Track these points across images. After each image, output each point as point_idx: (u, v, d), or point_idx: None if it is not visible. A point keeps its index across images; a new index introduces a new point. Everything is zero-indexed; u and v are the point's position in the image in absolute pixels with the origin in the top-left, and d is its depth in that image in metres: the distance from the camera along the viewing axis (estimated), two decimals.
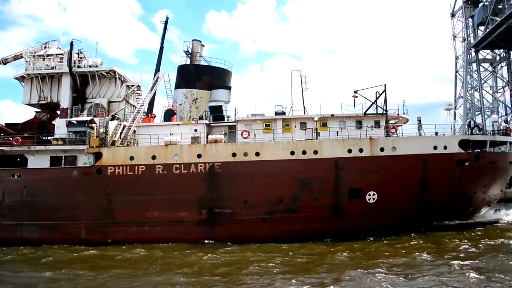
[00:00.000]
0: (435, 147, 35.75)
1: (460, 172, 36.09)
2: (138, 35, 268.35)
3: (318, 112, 38.48)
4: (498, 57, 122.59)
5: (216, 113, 38.45)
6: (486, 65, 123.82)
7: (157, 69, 41.32)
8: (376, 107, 37.60)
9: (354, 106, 37.53)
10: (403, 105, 42.60)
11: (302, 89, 39.42)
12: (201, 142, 36.59)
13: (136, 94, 41.60)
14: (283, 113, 38.51)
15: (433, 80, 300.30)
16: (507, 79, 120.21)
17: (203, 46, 44.03)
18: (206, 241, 34.53)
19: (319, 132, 36.36)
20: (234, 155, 34.79)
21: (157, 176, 34.83)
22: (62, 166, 36.38)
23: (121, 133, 36.57)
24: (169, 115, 38.91)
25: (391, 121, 40.80)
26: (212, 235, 34.63)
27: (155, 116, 41.02)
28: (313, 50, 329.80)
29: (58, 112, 39.98)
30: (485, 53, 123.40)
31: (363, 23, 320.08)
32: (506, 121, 41.21)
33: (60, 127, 37.41)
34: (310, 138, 36.35)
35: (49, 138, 37.45)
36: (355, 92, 37.32)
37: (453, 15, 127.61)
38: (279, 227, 34.37)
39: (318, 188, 34.67)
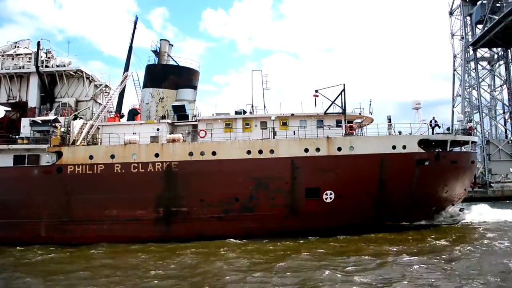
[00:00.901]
0: (393, 147, 35.28)
1: (419, 172, 35.64)
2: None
3: (285, 112, 38.64)
4: (496, 56, 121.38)
5: (179, 112, 38.39)
6: (484, 63, 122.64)
7: (126, 69, 40.96)
8: (342, 106, 36.65)
9: (315, 105, 36.88)
10: (369, 105, 41.85)
11: (262, 88, 38.86)
12: (162, 141, 35.90)
13: (105, 94, 41.05)
14: (245, 113, 37.78)
15: (430, 78, 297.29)
16: (505, 77, 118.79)
17: (172, 45, 43.94)
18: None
19: (276, 132, 35.43)
20: (191, 154, 34.63)
21: (116, 175, 34.93)
22: (25, 165, 35.75)
23: (86, 132, 36.09)
24: (132, 114, 38.67)
25: (356, 121, 40.03)
26: (169, 234, 34.48)
27: (123, 116, 40.58)
28: (310, 48, 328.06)
29: None
30: (483, 51, 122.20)
31: (360, 21, 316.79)
32: (470, 121, 39.87)
33: (25, 126, 37.39)
34: (267, 137, 35.33)
35: (16, 137, 37.01)
36: (316, 91, 36.73)
37: (451, 13, 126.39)
38: (235, 225, 34.46)
39: (274, 187, 34.62)
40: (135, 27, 42.06)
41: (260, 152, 35.12)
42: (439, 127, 37.95)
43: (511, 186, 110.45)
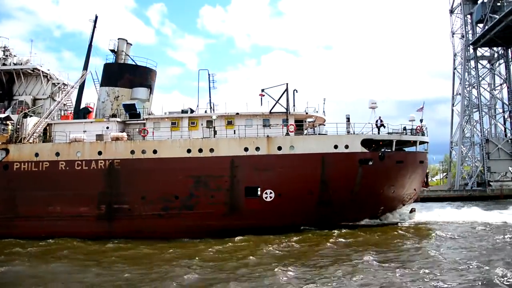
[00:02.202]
0: (335, 146, 34.84)
1: (363, 171, 35.10)
2: (132, 29, 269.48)
3: (238, 110, 38.73)
4: (496, 55, 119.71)
5: (130, 111, 38.28)
6: (484, 62, 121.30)
7: (85, 67, 40.81)
8: (286, 106, 36.04)
9: (261, 104, 36.42)
10: (323, 104, 41.21)
11: (209, 87, 38.82)
12: (109, 139, 35.70)
13: (65, 92, 40.96)
14: (192, 111, 37.28)
15: (429, 76, 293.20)
16: (505, 76, 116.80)
17: (131, 44, 43.97)
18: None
19: (216, 131, 35.00)
20: (132, 152, 34.74)
21: (60, 172, 35.29)
22: None
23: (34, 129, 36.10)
24: (83, 112, 38.40)
25: (308, 120, 39.37)
26: (110, 230, 34.37)
27: (91, 112, 40.53)
28: (310, 46, 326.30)
29: None
30: (483, 50, 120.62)
31: (360, 19, 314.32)
32: (421, 120, 38.68)
33: None
34: (207, 136, 34.92)
35: None
36: (262, 90, 36.08)
37: (452, 11, 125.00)
38: (175, 223, 34.76)
39: (213, 186, 34.73)
40: (94, 27, 42.16)
41: (200, 151, 34.98)
42: (384, 127, 36.95)
43: (510, 185, 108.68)
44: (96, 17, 42.95)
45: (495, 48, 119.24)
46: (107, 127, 38.14)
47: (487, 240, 28.13)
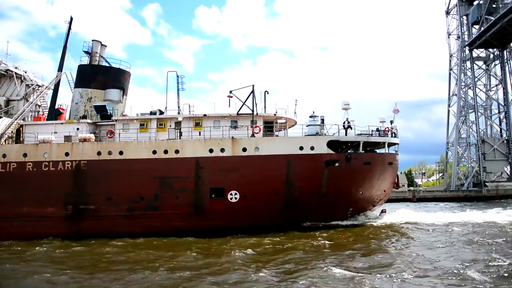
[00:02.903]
0: (301, 148, 34.67)
1: (329, 173, 34.60)
2: (127, 29, 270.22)
3: (206, 112, 38.94)
4: (492, 56, 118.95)
5: (101, 112, 38.30)
6: (480, 63, 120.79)
7: (60, 68, 40.87)
8: (252, 107, 36.01)
9: (229, 106, 36.38)
10: (295, 106, 41.02)
11: (178, 89, 38.52)
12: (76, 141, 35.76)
13: (38, 93, 41.01)
14: (162, 113, 37.15)
15: (425, 77, 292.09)
16: (500, 77, 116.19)
17: (105, 46, 43.84)
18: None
19: (181, 132, 34.98)
20: (99, 153, 34.75)
21: (27, 174, 35.14)
22: None
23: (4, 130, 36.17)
24: (55, 114, 38.41)
25: (279, 121, 39.16)
26: (77, 231, 34.41)
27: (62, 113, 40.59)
28: (305, 46, 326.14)
29: None
30: (479, 51, 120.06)
31: (356, 19, 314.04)
32: (391, 122, 38.41)
33: None
34: (173, 137, 34.90)
35: None
36: (230, 92, 35.92)
37: (447, 12, 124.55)
38: (141, 223, 35.11)
39: (178, 187, 34.82)
40: (69, 28, 42.12)
41: (166, 152, 35.05)
42: (351, 128, 36.61)
43: (506, 185, 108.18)
44: (71, 18, 43.20)
45: (490, 49, 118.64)
46: (78, 129, 38.10)
47: (448, 241, 27.85)
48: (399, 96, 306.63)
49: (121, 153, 35.70)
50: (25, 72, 42.80)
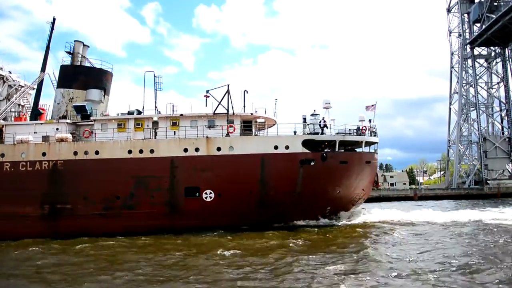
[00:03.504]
0: (275, 147, 34.72)
1: (304, 172, 34.52)
2: (127, 28, 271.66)
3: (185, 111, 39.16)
4: (493, 53, 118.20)
5: (81, 112, 38.55)
6: (481, 61, 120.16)
7: (43, 68, 41.26)
8: (227, 107, 36.11)
9: (206, 105, 36.54)
10: (275, 105, 41.13)
11: (155, 89, 38.66)
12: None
13: (19, 93, 41.39)
14: (140, 113, 37.29)
15: (426, 75, 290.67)
16: (502, 75, 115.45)
17: (88, 46, 44.16)
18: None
19: (157, 132, 35.14)
20: (75, 153, 35.08)
21: (5, 174, 35.32)
22: None
23: None
24: (35, 114, 38.68)
25: (259, 121, 39.19)
26: (54, 230, 35.19)
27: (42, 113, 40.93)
28: (305, 45, 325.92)
29: None
30: (480, 49, 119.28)
31: (356, 17, 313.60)
32: (370, 121, 38.29)
33: None
34: (148, 137, 35.15)
35: None
36: (207, 91, 36.08)
37: (449, 10, 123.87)
38: (117, 222, 35.55)
39: (154, 186, 35.23)
40: (52, 29, 42.51)
41: (141, 151, 35.36)
42: (327, 127, 36.47)
43: (507, 183, 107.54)
44: (54, 19, 43.66)
45: (492, 47, 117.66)
46: (57, 129, 38.36)
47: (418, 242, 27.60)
48: (399, 94, 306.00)
49: (97, 152, 36.00)
50: (10, 73, 43.18)
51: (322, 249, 25.72)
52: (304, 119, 39.67)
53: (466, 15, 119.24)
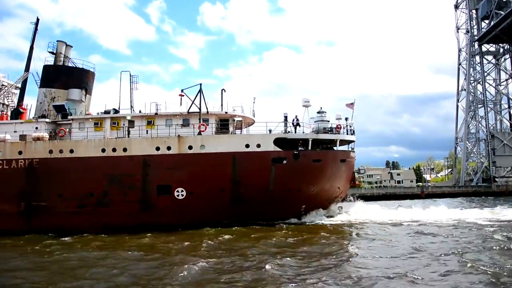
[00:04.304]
0: (247, 145, 35.08)
1: (276, 170, 34.80)
2: (132, 26, 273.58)
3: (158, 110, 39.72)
4: (501, 50, 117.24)
5: (60, 111, 39.39)
6: (490, 57, 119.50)
7: (27, 68, 42.19)
8: (199, 106, 36.49)
9: (180, 104, 36.89)
10: (253, 104, 41.56)
11: (131, 88, 39.46)
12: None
13: (6, 93, 42.29)
14: (116, 112, 38.10)
15: (432, 71, 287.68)
16: (510, 71, 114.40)
17: (71, 46, 45.00)
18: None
19: (129, 131, 35.74)
20: (50, 152, 35.77)
21: None
22: None
23: None
24: (15, 113, 39.61)
25: (237, 119, 39.59)
26: (30, 226, 36.04)
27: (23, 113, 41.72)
28: (311, 42, 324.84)
29: None
30: (488, 46, 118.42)
31: (362, 14, 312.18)
32: (346, 119, 38.46)
33: None
34: (121, 136, 35.79)
35: None
36: (182, 91, 36.53)
37: (456, 6, 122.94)
38: (91, 219, 36.42)
39: (127, 184, 36.38)
40: (36, 29, 43.54)
41: (114, 150, 36.19)
42: (299, 126, 36.66)
43: None
44: (38, 19, 44.41)
45: (500, 44, 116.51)
46: (36, 128, 39.12)
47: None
48: (405, 90, 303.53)
49: (72, 151, 36.78)
50: None
51: (294, 247, 25.91)
52: (285, 117, 39.79)
53: (474, 11, 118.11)
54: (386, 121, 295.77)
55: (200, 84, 37.55)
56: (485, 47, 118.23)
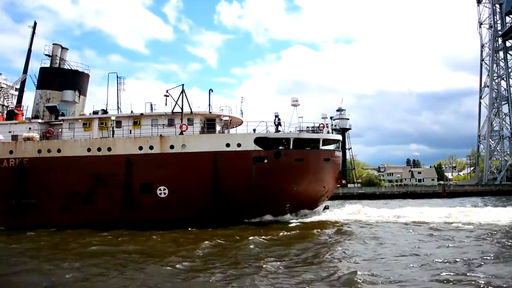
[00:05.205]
0: (227, 145, 36.03)
1: (257, 169, 35.72)
2: (149, 26, 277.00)
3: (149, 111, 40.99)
4: None
5: (53, 112, 41.21)
6: None
7: (25, 70, 44.18)
8: (181, 106, 37.42)
9: (166, 104, 38.23)
10: (241, 103, 42.22)
11: (118, 89, 40.96)
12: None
13: (5, 95, 44.22)
14: (105, 112, 39.45)
15: (453, 68, 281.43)
16: None
17: (67, 49, 46.84)
18: None
19: (114, 131, 37.19)
20: (39, 151, 37.41)
21: None
22: None
23: None
24: (10, 115, 41.39)
25: (224, 118, 40.48)
26: (20, 223, 37.83)
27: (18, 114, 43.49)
28: (328, 40, 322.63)
29: None
30: None
31: (380, 10, 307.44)
32: (331, 118, 38.92)
33: None
34: (106, 136, 37.18)
35: None
36: (167, 91, 37.70)
37: (479, 1, 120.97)
38: (78, 217, 38.12)
39: (111, 182, 37.78)
40: (33, 33, 45.52)
41: (99, 149, 37.63)
42: (280, 125, 37.35)
43: None
44: (35, 23, 46.51)
45: None
46: (30, 128, 40.77)
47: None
48: (425, 87, 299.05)
49: (59, 151, 38.26)
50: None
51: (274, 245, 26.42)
52: (276, 116, 40.29)
53: (498, 6, 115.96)
54: (405, 118, 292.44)
55: (183, 85, 38.70)
56: (509, 42, 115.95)
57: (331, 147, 42.33)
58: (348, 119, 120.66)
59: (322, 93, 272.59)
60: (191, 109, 39.28)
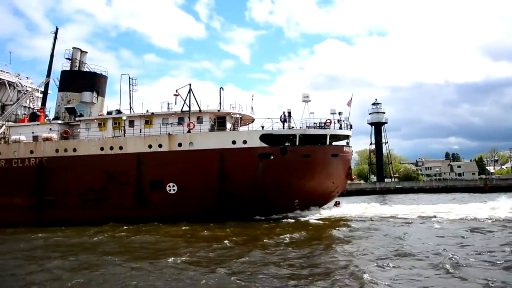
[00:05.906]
0: (233, 142, 37.52)
1: (263, 166, 37.13)
2: (182, 24, 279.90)
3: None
4: None
5: (71, 113, 43.51)
6: None
7: (48, 74, 46.85)
8: (188, 105, 38.93)
9: (175, 103, 39.71)
10: (252, 101, 43.58)
11: (130, 90, 42.85)
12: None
13: (31, 98, 46.87)
14: (119, 113, 41.43)
15: (491, 58, 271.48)
16: None
17: (86, 52, 48.98)
18: None
19: (125, 130, 39.23)
20: (57, 151, 39.53)
21: (1, 169, 40.00)
22: None
23: None
24: (32, 117, 43.90)
25: (234, 116, 41.69)
26: (40, 219, 40.44)
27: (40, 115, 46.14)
28: (363, 32, 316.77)
29: None
30: None
31: (414, 0, 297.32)
32: (340, 113, 39.65)
33: None
34: (117, 135, 39.31)
35: None
36: (176, 91, 39.21)
37: None
38: (93, 213, 40.25)
39: (123, 180, 39.69)
40: (55, 38, 47.84)
41: (111, 148, 39.53)
42: (286, 122, 38.28)
43: None
44: (57, 29, 48.96)
45: None
46: (50, 129, 43.14)
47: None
48: (463, 78, 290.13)
49: (75, 150, 40.42)
50: (19, 78, 48.75)
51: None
52: (289, 113, 41.12)
53: None
54: (443, 111, 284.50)
55: (190, 84, 40.06)
56: None
57: (343, 142, 42.91)
58: (384, 112, 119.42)
59: (356, 87, 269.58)
60: (199, 108, 40.64)
